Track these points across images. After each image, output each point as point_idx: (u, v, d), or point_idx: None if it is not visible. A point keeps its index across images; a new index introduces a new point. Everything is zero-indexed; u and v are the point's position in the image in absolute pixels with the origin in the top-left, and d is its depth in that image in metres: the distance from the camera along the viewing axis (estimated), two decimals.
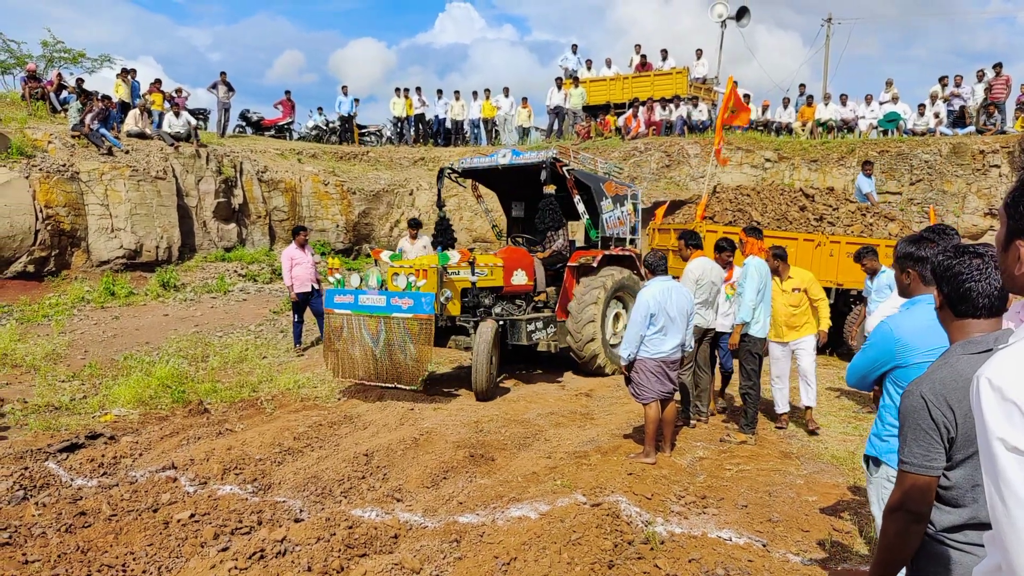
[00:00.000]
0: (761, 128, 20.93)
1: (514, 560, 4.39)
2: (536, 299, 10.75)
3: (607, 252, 10.78)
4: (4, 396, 8.45)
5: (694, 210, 13.60)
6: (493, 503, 5.55)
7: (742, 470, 6.56)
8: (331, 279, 9.13)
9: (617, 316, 10.85)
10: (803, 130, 20.40)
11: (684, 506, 5.60)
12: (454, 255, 9.08)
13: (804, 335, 7.79)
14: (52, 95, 17.39)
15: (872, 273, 8.37)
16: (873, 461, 3.40)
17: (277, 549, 4.57)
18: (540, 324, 9.79)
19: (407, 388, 8.60)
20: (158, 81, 19.69)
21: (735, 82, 13.63)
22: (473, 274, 9.25)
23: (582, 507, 5.21)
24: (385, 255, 9.88)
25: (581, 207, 10.40)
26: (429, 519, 5.30)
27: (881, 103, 20.16)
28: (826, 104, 20.74)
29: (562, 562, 4.33)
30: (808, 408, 7.94)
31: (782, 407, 7.98)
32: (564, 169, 10.11)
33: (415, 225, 12.55)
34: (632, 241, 11.81)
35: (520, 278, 10.07)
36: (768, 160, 18.97)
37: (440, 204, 11.81)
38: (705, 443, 7.35)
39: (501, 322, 9.35)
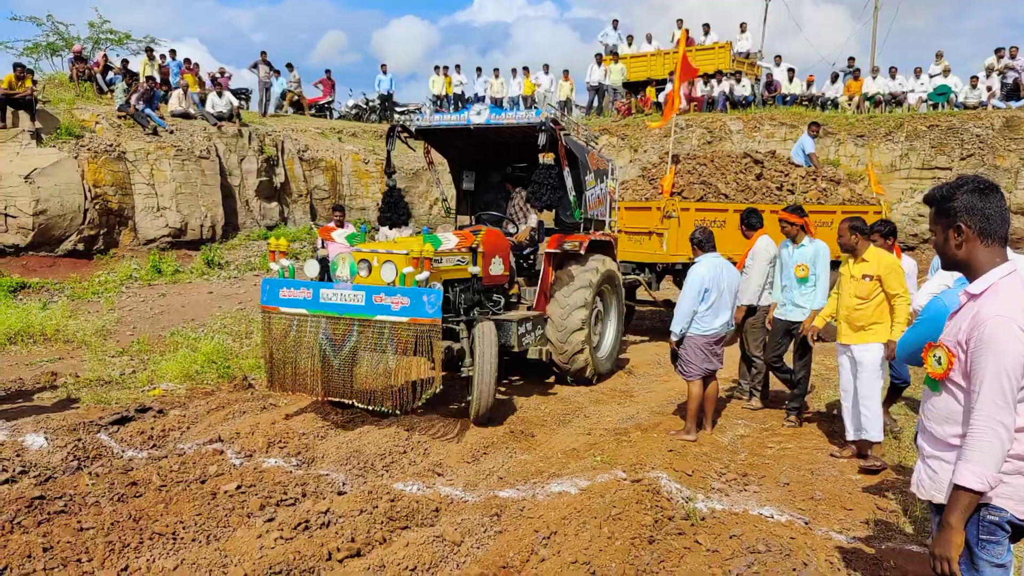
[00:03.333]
0: (806, 103, 20.53)
1: (554, 534, 4.42)
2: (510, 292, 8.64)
3: (592, 237, 8.87)
4: (57, 370, 8.69)
5: (658, 184, 12.12)
6: (533, 478, 5.58)
7: (784, 448, 6.50)
8: (273, 266, 7.02)
9: (598, 315, 9.03)
10: (849, 104, 19.96)
11: (725, 483, 5.58)
12: (448, 238, 7.04)
13: (868, 341, 5.88)
14: (98, 76, 17.69)
15: None
16: None
17: (321, 520, 4.66)
18: (530, 325, 7.86)
19: (386, 411, 6.52)
20: (188, 60, 19.81)
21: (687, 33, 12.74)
22: (475, 263, 7.36)
23: (622, 483, 5.22)
24: (339, 235, 7.68)
25: (570, 182, 8.40)
26: (470, 493, 5.34)
27: (931, 76, 19.64)
28: (874, 78, 20.26)
29: (602, 536, 4.35)
30: (867, 442, 5.99)
31: (849, 431, 6.15)
32: (561, 135, 8.15)
33: None
34: (607, 224, 9.97)
35: (497, 267, 7.93)
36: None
37: (389, 171, 9.32)
38: (747, 421, 7.29)
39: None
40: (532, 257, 9.01)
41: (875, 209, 11.82)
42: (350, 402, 6.60)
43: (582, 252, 8.52)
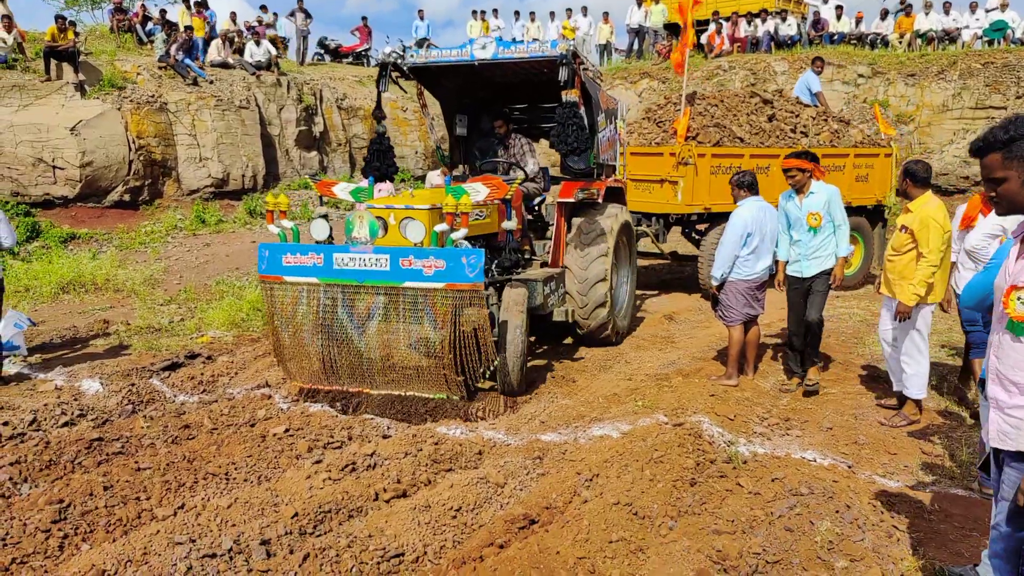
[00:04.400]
0: (854, 41, 19.87)
1: (596, 476, 4.47)
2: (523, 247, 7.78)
3: (607, 184, 8.13)
4: (109, 318, 8.93)
5: (667, 127, 11.09)
6: (575, 422, 5.63)
7: (827, 393, 6.46)
8: (272, 229, 6.13)
9: (614, 268, 8.07)
10: (900, 42, 19.27)
11: (767, 427, 5.58)
12: (477, 189, 6.10)
13: (897, 296, 5.60)
14: (138, 27, 17.75)
15: None
16: None
17: (367, 463, 4.77)
18: (553, 284, 7.09)
19: (429, 396, 5.91)
20: (200, 3, 19.31)
21: None
22: (509, 217, 6.65)
23: (664, 427, 5.24)
24: (342, 190, 6.63)
25: (585, 123, 7.20)
26: (512, 437, 5.42)
27: (987, 11, 18.83)
28: (927, 13, 19.48)
29: (644, 479, 4.39)
30: (906, 399, 5.79)
31: (895, 382, 5.94)
32: (581, 70, 7.12)
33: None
34: (616, 169, 9.06)
35: (511, 222, 7.00)
36: (861, 75, 18.06)
37: (379, 115, 8.05)
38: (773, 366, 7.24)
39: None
40: (538, 209, 8.25)
41: (886, 152, 11.33)
42: (391, 392, 5.87)
43: (599, 201, 7.86)
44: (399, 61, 7.62)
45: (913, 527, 4.04)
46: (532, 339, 8.13)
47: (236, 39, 18.18)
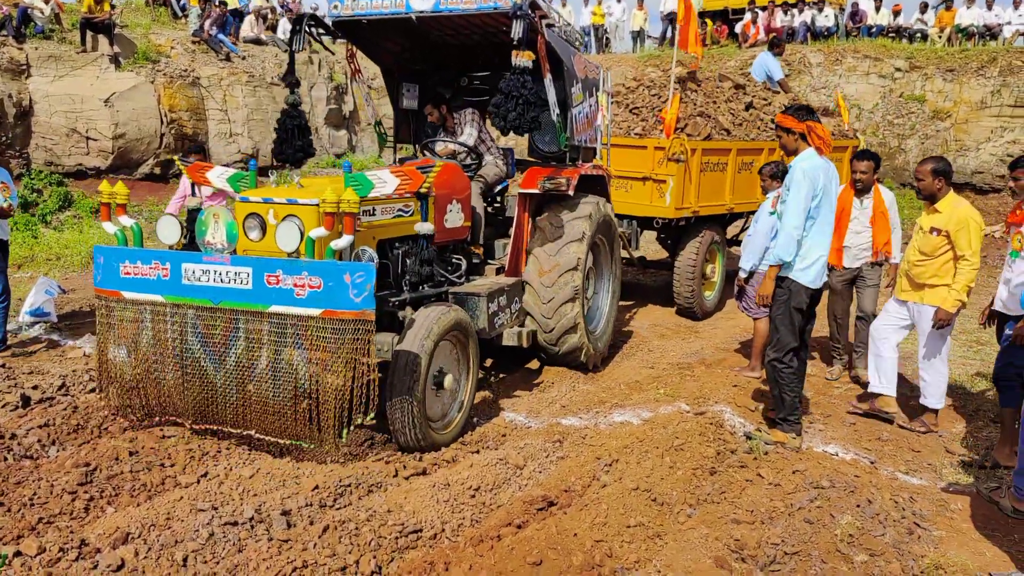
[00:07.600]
0: (892, 35, 19.55)
1: (616, 462, 4.47)
2: (474, 250, 6.37)
3: (582, 171, 6.56)
4: None
5: (644, 115, 9.46)
6: (595, 408, 5.64)
7: (851, 389, 6.41)
8: (108, 228, 4.76)
9: (590, 273, 6.83)
10: (940, 37, 18.92)
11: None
12: (383, 179, 4.66)
13: (927, 302, 5.26)
14: (173, 1, 17.84)
15: None
16: None
17: (387, 438, 4.80)
18: (504, 300, 5.77)
19: (304, 445, 4.53)
20: None
21: None
22: (425, 217, 5.12)
23: (685, 415, 5.23)
24: (217, 176, 5.41)
25: (553, 95, 6.01)
26: (533, 420, 5.44)
27: None
28: (968, 7, 19.10)
29: (664, 466, 4.38)
30: (925, 409, 5.51)
31: (876, 382, 5.58)
32: (543, 26, 5.76)
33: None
34: (597, 152, 7.30)
35: (455, 217, 5.80)
36: (898, 69, 17.75)
37: (291, 81, 6.83)
38: (814, 361, 7.18)
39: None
40: (500, 199, 6.97)
41: (853, 143, 10.90)
42: (250, 433, 4.58)
43: (570, 193, 6.29)
44: (316, 10, 6.31)
45: (935, 525, 4.01)
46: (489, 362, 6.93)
47: (269, 16, 18.22)
